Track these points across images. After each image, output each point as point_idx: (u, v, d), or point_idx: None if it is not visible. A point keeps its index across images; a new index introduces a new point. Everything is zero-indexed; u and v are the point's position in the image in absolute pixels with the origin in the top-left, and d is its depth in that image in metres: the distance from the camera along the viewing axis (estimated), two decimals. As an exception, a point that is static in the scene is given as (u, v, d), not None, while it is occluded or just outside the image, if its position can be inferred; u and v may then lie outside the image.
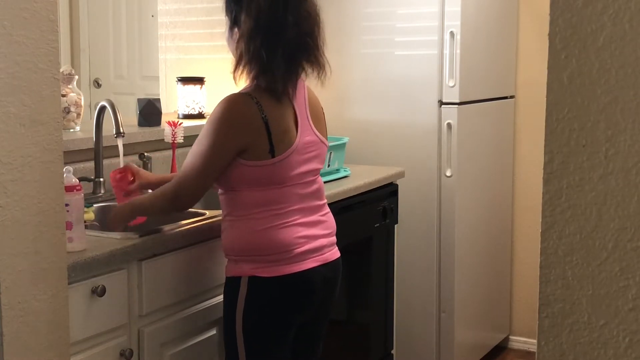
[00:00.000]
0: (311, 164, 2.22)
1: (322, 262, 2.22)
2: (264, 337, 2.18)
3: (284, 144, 2.13)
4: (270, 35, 2.09)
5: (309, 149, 2.20)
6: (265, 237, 2.13)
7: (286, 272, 2.14)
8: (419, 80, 3.48)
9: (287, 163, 2.13)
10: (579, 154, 1.03)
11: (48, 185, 1.67)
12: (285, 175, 2.14)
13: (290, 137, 2.15)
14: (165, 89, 3.70)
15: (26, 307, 1.64)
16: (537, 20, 3.88)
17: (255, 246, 2.14)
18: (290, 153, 2.13)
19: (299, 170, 2.17)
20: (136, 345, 2.13)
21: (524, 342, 4.13)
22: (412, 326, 3.57)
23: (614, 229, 1.02)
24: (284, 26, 2.09)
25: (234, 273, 2.18)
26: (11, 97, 1.57)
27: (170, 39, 3.67)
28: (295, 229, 2.16)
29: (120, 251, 2.05)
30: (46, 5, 1.63)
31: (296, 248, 2.15)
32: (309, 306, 2.23)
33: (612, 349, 1.04)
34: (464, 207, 3.55)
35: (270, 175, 2.12)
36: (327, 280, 2.25)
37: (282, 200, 2.15)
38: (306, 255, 2.18)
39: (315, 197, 2.24)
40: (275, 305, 2.17)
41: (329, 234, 2.28)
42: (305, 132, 2.20)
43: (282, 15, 2.08)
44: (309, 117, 2.23)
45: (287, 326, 2.20)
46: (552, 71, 1.03)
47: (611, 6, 1.00)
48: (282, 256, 2.14)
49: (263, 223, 2.14)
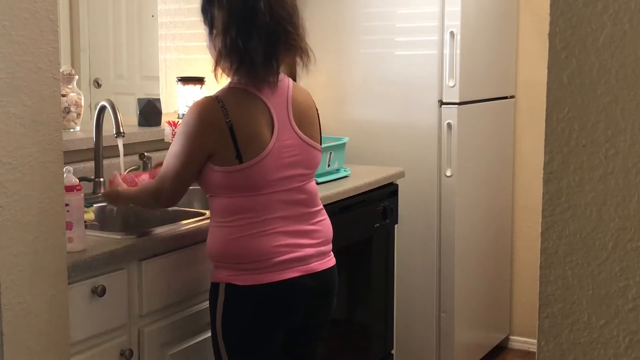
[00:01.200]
0: (294, 169, 2.13)
1: (306, 272, 2.13)
2: (244, 344, 2.13)
3: (253, 149, 2.05)
4: (244, 23, 2.05)
5: (289, 152, 2.11)
6: (239, 245, 2.08)
7: (263, 281, 2.08)
8: (419, 80, 3.48)
9: (259, 169, 2.05)
10: (579, 154, 1.03)
11: (48, 185, 1.67)
12: (260, 181, 2.06)
13: (261, 141, 2.06)
14: (165, 89, 3.69)
15: (26, 307, 1.64)
16: (537, 20, 3.88)
17: (230, 253, 2.09)
18: (261, 158, 2.05)
19: (277, 176, 2.09)
20: (136, 345, 2.13)
21: (524, 342, 4.13)
22: (412, 326, 3.57)
23: (614, 229, 1.02)
24: (256, 12, 2.04)
25: (213, 279, 2.15)
26: (11, 97, 1.57)
27: (170, 39, 3.67)
28: (274, 237, 2.09)
29: (120, 251, 2.05)
30: (46, 5, 1.63)
31: (275, 257, 2.08)
32: (291, 316, 2.16)
33: (612, 349, 1.04)
34: (464, 207, 3.55)
35: (241, 182, 2.06)
36: (312, 291, 2.16)
37: (259, 207, 2.08)
38: (287, 265, 2.10)
39: (303, 205, 2.16)
40: (252, 313, 2.11)
41: (318, 243, 2.18)
42: (284, 135, 2.11)
43: (253, 2, 2.05)
44: (290, 119, 2.14)
45: (268, 334, 2.14)
46: (552, 71, 1.03)
47: (611, 6, 1.00)
48: (259, 265, 2.07)
49: (238, 231, 2.08)
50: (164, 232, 2.22)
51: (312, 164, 2.20)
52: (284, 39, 2.09)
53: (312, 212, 2.19)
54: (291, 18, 2.11)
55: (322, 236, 2.20)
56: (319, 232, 2.20)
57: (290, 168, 2.12)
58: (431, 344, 3.57)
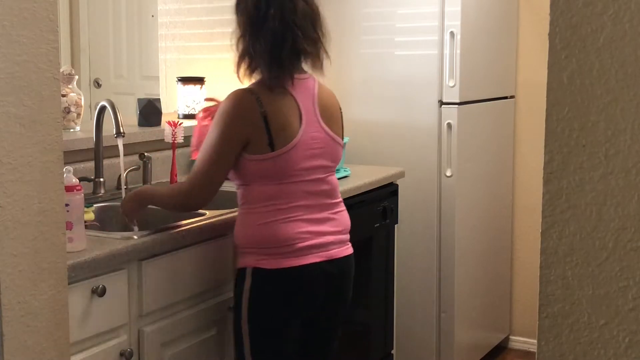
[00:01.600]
0: (319, 160, 2.26)
1: (327, 258, 2.25)
2: (268, 328, 2.23)
3: (284, 138, 2.18)
4: (255, 29, 2.20)
5: (315, 144, 2.24)
6: (267, 230, 2.19)
7: (287, 265, 2.19)
8: (419, 80, 3.48)
9: (288, 157, 2.18)
10: (579, 154, 1.03)
11: (48, 185, 1.67)
12: (288, 170, 2.19)
13: (291, 131, 2.20)
14: (165, 89, 3.70)
15: (26, 307, 1.64)
16: (537, 20, 3.88)
17: (258, 238, 2.20)
18: (291, 147, 2.18)
19: (303, 166, 2.21)
20: (136, 345, 2.13)
21: (524, 342, 4.13)
22: (412, 326, 3.57)
23: (614, 229, 1.02)
24: (266, 19, 2.17)
25: (240, 264, 2.25)
26: (11, 97, 1.57)
27: (170, 39, 3.67)
28: (297, 224, 2.21)
29: (120, 251, 2.05)
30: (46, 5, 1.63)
31: (298, 243, 2.20)
32: (311, 301, 2.27)
33: (612, 349, 1.04)
34: (464, 207, 3.55)
35: (271, 169, 2.18)
36: (331, 277, 2.27)
37: (285, 195, 2.20)
38: (309, 250, 2.22)
39: (325, 195, 2.28)
40: (277, 297, 2.22)
41: (338, 231, 2.31)
42: (311, 128, 2.24)
43: (264, 8, 2.18)
44: (317, 113, 2.27)
45: (290, 319, 2.25)
46: (552, 71, 1.03)
47: (611, 6, 1.00)
48: (283, 249, 2.19)
49: (266, 217, 2.19)
50: (164, 232, 2.22)
51: (336, 157, 2.33)
52: (290, 42, 2.19)
53: (333, 203, 2.32)
54: (303, 23, 2.21)
55: (341, 225, 2.33)
56: (339, 222, 2.33)
57: (315, 159, 2.25)
58: (431, 344, 3.57)
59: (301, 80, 2.26)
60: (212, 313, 2.36)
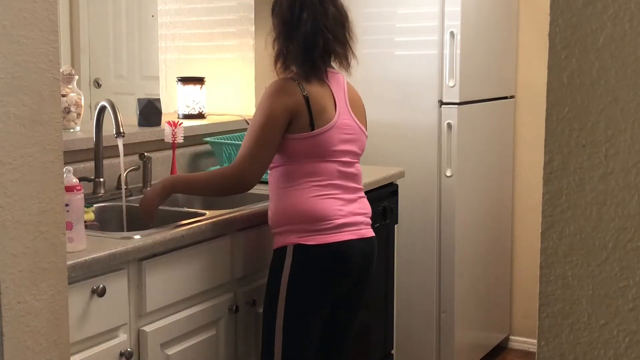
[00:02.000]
0: (350, 146, 2.40)
1: (360, 236, 2.37)
2: (304, 305, 2.33)
3: (323, 119, 2.34)
4: (288, 31, 2.37)
5: (347, 130, 2.39)
6: (308, 205, 2.30)
7: (328, 240, 2.30)
8: (419, 80, 3.48)
9: (326, 137, 2.33)
10: (579, 154, 1.03)
11: (48, 185, 1.67)
12: (326, 148, 2.33)
13: (329, 115, 2.36)
14: (165, 89, 3.70)
15: (26, 307, 1.64)
16: (537, 20, 3.88)
17: (300, 215, 2.30)
18: (329, 128, 2.34)
19: (338, 148, 2.36)
20: (136, 345, 2.13)
21: (524, 342, 4.13)
22: (412, 326, 3.57)
23: (614, 229, 1.02)
24: (299, 22, 2.35)
25: (279, 244, 2.35)
26: (11, 97, 1.57)
27: (170, 39, 3.67)
28: (335, 201, 2.34)
29: (120, 251, 2.05)
30: (46, 5, 1.63)
31: (336, 219, 2.32)
32: (348, 277, 2.37)
33: (612, 349, 1.04)
34: (464, 207, 3.55)
35: (311, 148, 2.32)
36: (364, 254, 2.39)
37: (324, 172, 2.33)
38: (345, 227, 2.34)
39: (353, 180, 2.41)
40: (317, 271, 2.32)
41: (366, 213, 2.44)
42: (344, 115, 2.40)
43: (297, 12, 2.35)
44: (347, 104, 2.43)
45: (326, 295, 2.35)
46: (552, 71, 1.03)
47: (611, 6, 1.00)
48: (323, 225, 2.30)
49: (307, 193, 2.32)
50: (164, 232, 2.22)
51: (362, 146, 2.48)
52: (322, 45, 2.36)
53: (359, 189, 2.46)
54: (333, 26, 2.39)
55: (367, 208, 2.47)
56: (365, 205, 2.46)
57: (347, 144, 2.40)
58: (431, 344, 3.57)
59: (332, 73, 2.45)
60: (212, 313, 2.36)
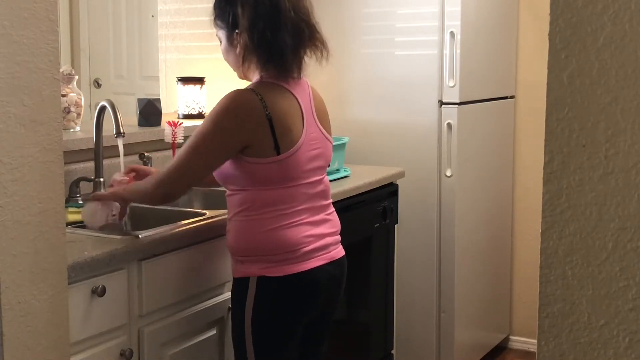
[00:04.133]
0: (317, 162, 2.21)
1: (329, 260, 2.22)
2: (273, 336, 2.18)
3: (289, 140, 2.11)
4: (271, 19, 2.12)
5: (314, 145, 2.20)
6: (272, 237, 2.13)
7: (293, 271, 2.14)
8: (419, 80, 3.48)
9: (294, 159, 2.12)
10: (579, 154, 1.03)
11: (48, 185, 1.67)
12: (293, 173, 2.13)
13: (295, 133, 2.14)
14: (165, 89, 3.69)
15: (26, 307, 1.64)
16: (537, 20, 3.88)
17: (264, 246, 2.13)
18: (296, 150, 2.12)
19: (307, 167, 2.17)
20: (136, 345, 2.13)
21: (524, 342, 4.13)
22: (412, 326, 3.57)
23: (614, 229, 1.02)
24: (282, 11, 2.12)
25: (242, 274, 2.18)
26: (11, 97, 1.57)
27: (170, 39, 3.67)
28: (302, 228, 2.16)
29: (120, 251, 2.05)
30: (46, 5, 1.63)
31: (303, 247, 2.15)
32: (316, 304, 2.23)
33: (612, 349, 1.04)
34: (464, 207, 3.55)
35: (275, 173, 2.11)
36: (333, 278, 2.25)
37: (290, 199, 2.14)
38: (313, 254, 2.18)
39: (321, 197, 2.24)
40: (283, 304, 2.17)
41: (334, 232, 2.28)
42: (311, 129, 2.19)
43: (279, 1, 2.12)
44: (314, 113, 2.23)
45: (295, 325, 2.20)
46: (552, 71, 1.03)
47: (611, 6, 1.00)
48: (289, 255, 2.14)
49: (270, 223, 2.13)
50: (164, 232, 2.22)
51: (329, 157, 2.30)
52: (307, 32, 2.17)
53: (327, 205, 2.28)
54: (309, 14, 2.20)
55: (335, 225, 2.30)
56: (333, 222, 2.30)
57: (315, 160, 2.21)
58: (431, 344, 3.57)
59: (296, 79, 2.21)
60: (212, 313, 2.36)
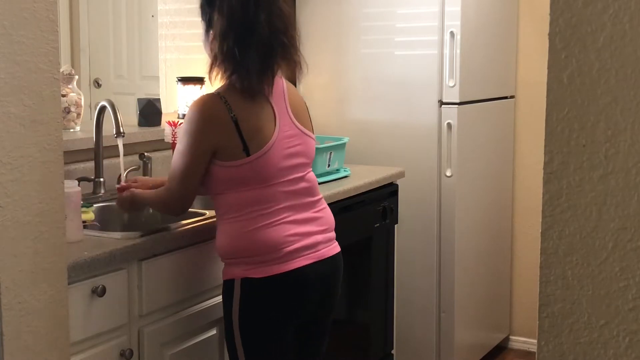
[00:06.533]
0: (297, 159, 2.19)
1: (317, 258, 2.19)
2: (262, 337, 2.17)
3: (258, 141, 2.11)
4: (243, 33, 2.09)
5: (291, 142, 2.17)
6: (253, 238, 2.11)
7: (278, 271, 2.12)
8: (419, 80, 3.48)
9: (265, 160, 2.11)
10: (579, 154, 1.03)
11: (48, 185, 1.67)
12: (267, 172, 2.12)
13: (265, 134, 2.12)
14: (165, 89, 3.69)
15: (26, 307, 1.64)
16: (537, 20, 3.88)
17: (244, 248, 2.12)
18: (267, 150, 2.11)
19: (282, 166, 2.14)
20: (136, 345, 2.13)
21: (524, 342, 4.13)
22: (412, 326, 3.57)
23: (614, 229, 1.02)
24: (256, 24, 2.09)
25: (227, 276, 2.18)
26: (11, 97, 1.57)
27: (170, 39, 3.67)
28: (284, 227, 2.13)
29: (120, 251, 2.05)
30: (46, 5, 1.63)
31: (286, 247, 2.12)
32: (306, 304, 2.20)
33: (612, 349, 1.04)
34: (464, 207, 3.55)
35: (249, 175, 2.10)
36: (323, 277, 2.21)
37: (267, 199, 2.12)
38: (298, 253, 2.15)
39: (305, 194, 2.21)
40: (270, 305, 2.15)
41: (324, 230, 2.24)
42: (285, 127, 2.17)
43: (253, 13, 2.09)
44: (289, 110, 2.21)
45: (284, 325, 2.18)
46: (552, 71, 1.03)
47: (611, 6, 1.00)
48: (272, 256, 2.12)
49: (248, 224, 2.12)
50: (164, 232, 2.22)
51: (311, 153, 2.26)
52: (280, 51, 2.14)
53: (315, 201, 2.25)
54: (287, 30, 2.16)
55: (326, 223, 2.26)
56: (323, 220, 2.25)
57: (292, 158, 2.18)
58: (431, 344, 3.57)
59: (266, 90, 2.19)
60: (212, 313, 2.36)
